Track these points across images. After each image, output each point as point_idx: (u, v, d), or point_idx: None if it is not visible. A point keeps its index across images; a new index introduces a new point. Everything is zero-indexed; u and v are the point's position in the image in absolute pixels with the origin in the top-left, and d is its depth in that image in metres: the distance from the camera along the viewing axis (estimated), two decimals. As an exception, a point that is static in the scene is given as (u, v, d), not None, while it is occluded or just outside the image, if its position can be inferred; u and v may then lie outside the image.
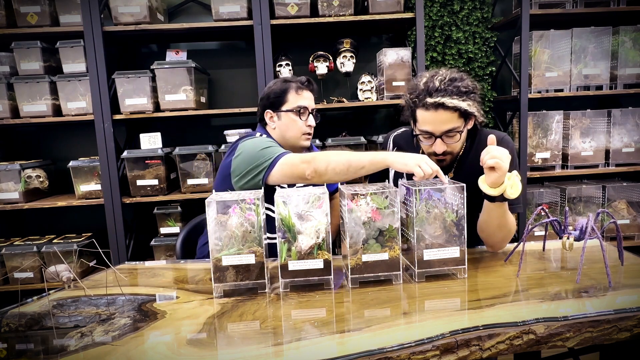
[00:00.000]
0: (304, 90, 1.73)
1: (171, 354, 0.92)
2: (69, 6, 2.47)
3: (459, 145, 1.51)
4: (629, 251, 1.43)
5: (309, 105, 1.74)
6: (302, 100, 1.72)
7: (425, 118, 1.43)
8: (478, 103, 1.44)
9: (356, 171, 1.45)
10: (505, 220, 1.42)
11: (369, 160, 1.42)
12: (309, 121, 1.73)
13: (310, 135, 1.76)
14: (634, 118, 2.74)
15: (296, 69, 2.68)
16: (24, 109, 2.47)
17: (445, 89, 1.39)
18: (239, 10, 2.43)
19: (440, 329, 0.97)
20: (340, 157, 1.46)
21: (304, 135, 1.74)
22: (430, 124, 1.43)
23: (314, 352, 0.91)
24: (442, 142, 1.44)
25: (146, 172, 2.48)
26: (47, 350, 0.98)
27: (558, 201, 2.80)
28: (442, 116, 1.40)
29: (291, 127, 1.72)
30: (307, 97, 1.74)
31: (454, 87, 1.39)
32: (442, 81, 1.40)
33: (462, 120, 1.43)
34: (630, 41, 2.70)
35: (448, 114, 1.40)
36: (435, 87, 1.39)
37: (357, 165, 1.43)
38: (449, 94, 1.38)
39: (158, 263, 1.65)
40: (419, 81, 1.45)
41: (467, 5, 2.87)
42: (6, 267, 2.52)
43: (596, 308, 1.04)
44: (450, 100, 1.38)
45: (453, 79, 1.42)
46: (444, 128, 1.42)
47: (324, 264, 1.23)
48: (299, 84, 1.73)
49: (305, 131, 1.73)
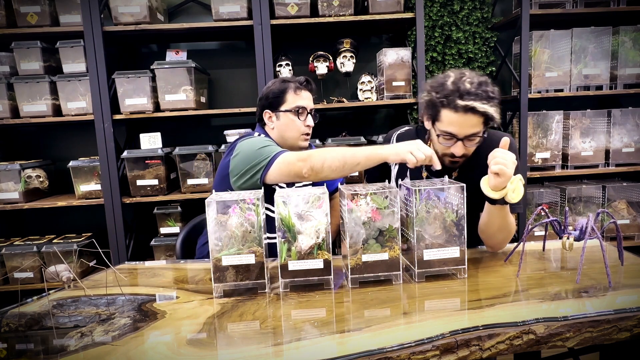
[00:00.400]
0: (303, 91, 1.73)
1: (171, 354, 0.92)
2: (69, 6, 2.47)
3: (473, 148, 1.47)
4: (629, 251, 1.43)
5: (308, 105, 1.73)
6: (301, 100, 1.72)
7: (451, 119, 1.39)
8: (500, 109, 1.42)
9: (352, 167, 1.46)
10: (505, 223, 1.42)
11: (364, 156, 1.43)
12: (307, 121, 1.73)
13: (308, 136, 1.76)
14: (634, 118, 2.74)
15: (296, 69, 2.68)
16: (24, 109, 2.47)
17: (476, 92, 1.36)
18: (239, 10, 2.43)
19: (440, 329, 0.97)
20: (336, 154, 1.46)
21: (303, 136, 1.74)
22: (456, 126, 1.40)
23: (314, 352, 0.91)
24: (463, 145, 1.42)
25: (146, 172, 2.48)
26: (47, 350, 0.98)
27: (558, 201, 2.80)
28: (470, 120, 1.38)
29: (290, 127, 1.72)
30: (306, 97, 1.74)
31: (483, 92, 1.37)
32: (472, 84, 1.37)
33: (484, 125, 1.41)
34: (630, 41, 2.70)
35: (475, 118, 1.37)
36: (466, 90, 1.36)
37: (352, 161, 1.44)
38: (479, 99, 1.35)
39: (158, 263, 1.65)
40: (446, 80, 1.41)
41: (467, 5, 2.87)
42: (6, 267, 2.52)
43: (596, 308, 1.04)
44: (481, 105, 1.35)
45: (481, 82, 1.39)
46: (469, 132, 1.40)
47: (324, 264, 1.23)
48: (298, 84, 1.72)
49: (303, 131, 1.73)
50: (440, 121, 1.42)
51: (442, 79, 1.43)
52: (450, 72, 1.46)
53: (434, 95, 1.42)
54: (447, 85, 1.39)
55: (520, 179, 1.32)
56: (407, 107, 2.75)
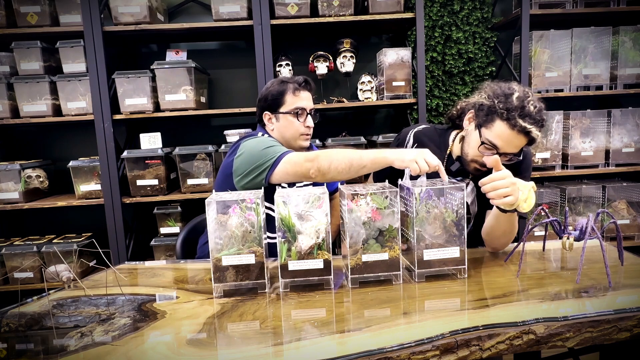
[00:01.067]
0: (302, 91, 1.72)
1: (171, 354, 0.92)
2: (69, 6, 2.47)
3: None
4: (629, 251, 1.43)
5: (307, 105, 1.73)
6: (300, 101, 1.71)
7: (503, 134, 1.39)
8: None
9: (358, 170, 1.45)
10: (511, 227, 1.43)
11: (370, 159, 1.42)
12: (307, 122, 1.73)
13: (309, 136, 1.76)
14: (634, 118, 2.74)
15: (296, 69, 2.68)
16: (24, 109, 2.47)
17: (536, 118, 1.37)
18: (239, 10, 2.43)
19: (440, 329, 0.97)
20: (343, 156, 1.46)
21: (303, 136, 1.73)
22: (505, 142, 1.40)
23: (314, 352, 0.91)
24: (504, 158, 1.42)
25: (146, 172, 2.48)
26: (47, 350, 0.98)
27: (558, 201, 2.80)
28: (519, 140, 1.39)
29: (289, 128, 1.72)
30: (305, 97, 1.73)
31: (540, 119, 1.38)
32: (535, 107, 1.38)
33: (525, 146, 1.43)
34: (630, 41, 2.70)
35: (524, 139, 1.39)
36: (529, 112, 1.36)
37: (358, 164, 1.44)
38: (537, 125, 1.37)
39: (158, 263, 1.65)
40: (512, 93, 1.39)
41: (467, 5, 2.87)
42: (6, 267, 2.52)
43: (596, 308, 1.04)
44: (536, 132, 1.37)
45: (541, 109, 1.40)
46: (512, 150, 1.41)
47: (324, 264, 1.23)
48: (296, 84, 1.72)
49: (303, 132, 1.73)
50: (490, 130, 1.41)
51: (508, 91, 1.41)
52: (514, 85, 1.44)
53: (495, 103, 1.40)
54: (512, 100, 1.38)
55: (532, 187, 1.30)
56: (407, 107, 2.75)
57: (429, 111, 2.93)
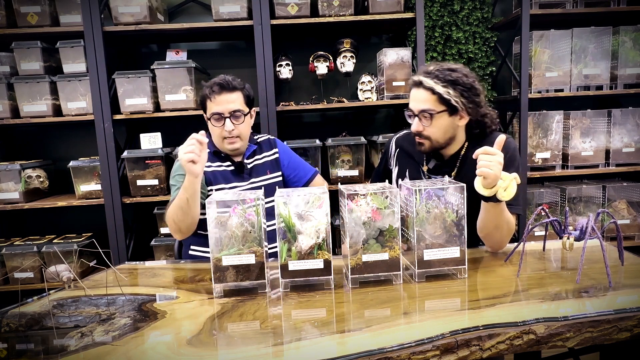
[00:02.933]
0: (218, 95, 1.68)
1: (171, 354, 0.92)
2: (69, 6, 2.47)
3: (438, 134, 1.51)
4: (629, 251, 1.43)
5: (225, 110, 1.68)
6: (215, 106, 1.68)
7: (411, 95, 1.53)
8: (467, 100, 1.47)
9: (189, 205, 1.54)
10: (501, 221, 1.42)
11: (182, 189, 1.54)
12: (225, 126, 1.69)
13: (232, 139, 1.72)
14: (634, 118, 2.74)
15: (296, 69, 2.68)
16: (24, 109, 2.47)
17: (433, 73, 1.47)
18: (239, 10, 2.43)
19: (440, 329, 0.97)
20: (172, 208, 1.59)
21: (225, 140, 1.72)
22: (412, 101, 1.52)
23: (314, 352, 0.91)
24: (419, 122, 1.50)
25: (146, 172, 2.48)
26: (47, 350, 0.98)
27: (558, 201, 2.79)
28: (420, 95, 1.49)
29: (213, 132, 1.75)
30: (222, 101, 1.68)
31: (441, 73, 1.46)
32: (436, 67, 1.49)
33: (441, 106, 1.47)
34: (630, 41, 2.70)
35: (426, 94, 1.47)
36: (426, 70, 1.49)
37: (183, 201, 1.53)
38: (432, 77, 1.47)
39: (158, 263, 1.65)
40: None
41: (467, 5, 2.87)
42: (6, 267, 2.52)
43: (596, 308, 1.04)
44: (427, 80, 1.46)
45: (449, 68, 1.48)
46: (420, 107, 1.48)
47: (324, 264, 1.23)
48: (210, 89, 1.69)
49: (224, 135, 1.71)
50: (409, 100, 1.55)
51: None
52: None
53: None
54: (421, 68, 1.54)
55: (514, 177, 1.32)
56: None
57: (429, 111, 2.93)
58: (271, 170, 1.84)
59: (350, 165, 2.56)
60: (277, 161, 1.87)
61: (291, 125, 2.93)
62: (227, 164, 1.78)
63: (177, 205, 1.56)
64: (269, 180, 1.82)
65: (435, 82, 1.46)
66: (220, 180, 1.75)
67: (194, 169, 1.46)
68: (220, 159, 1.78)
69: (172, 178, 1.74)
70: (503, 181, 1.31)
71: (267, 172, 1.83)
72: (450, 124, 1.50)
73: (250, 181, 1.78)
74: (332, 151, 2.55)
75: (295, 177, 1.89)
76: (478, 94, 1.50)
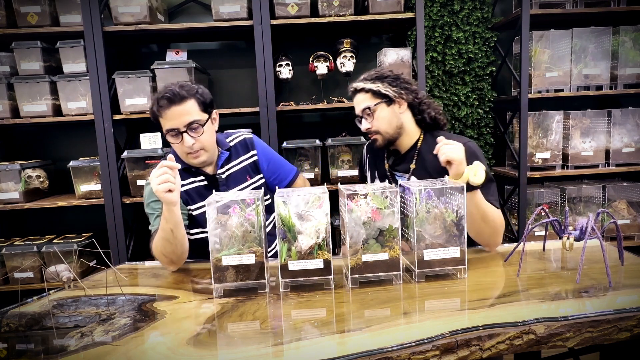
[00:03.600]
0: (167, 109, 1.50)
1: (171, 354, 0.92)
2: (69, 6, 2.47)
3: (384, 124, 1.64)
4: (629, 251, 1.43)
5: (179, 124, 1.52)
6: (169, 122, 1.52)
7: (354, 104, 1.70)
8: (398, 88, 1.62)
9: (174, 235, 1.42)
10: (484, 211, 1.44)
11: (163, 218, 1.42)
12: (184, 142, 1.53)
13: (196, 153, 1.57)
14: (634, 118, 2.74)
15: (296, 69, 2.68)
16: (24, 109, 2.47)
17: (361, 78, 1.67)
18: (239, 10, 2.43)
19: (440, 329, 0.97)
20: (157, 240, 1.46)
21: (189, 155, 1.57)
22: (355, 107, 1.70)
23: (314, 352, 0.91)
24: (365, 120, 1.66)
25: (146, 172, 2.48)
26: (47, 350, 0.98)
27: (558, 201, 2.80)
28: (358, 99, 1.68)
29: (175, 148, 1.61)
30: (174, 115, 1.51)
31: (367, 75, 1.67)
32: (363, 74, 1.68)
33: (376, 99, 1.63)
34: (630, 41, 2.70)
35: (362, 95, 1.66)
36: (357, 80, 1.69)
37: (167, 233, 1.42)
38: (361, 81, 1.66)
39: (158, 263, 1.65)
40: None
41: (467, 5, 2.87)
42: (6, 267, 2.52)
43: (596, 308, 1.04)
44: (359, 84, 1.66)
45: (373, 70, 1.69)
46: (361, 107, 1.66)
47: (324, 264, 1.23)
48: (157, 105, 1.52)
49: (186, 151, 1.56)
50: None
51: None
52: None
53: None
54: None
55: (479, 164, 1.37)
56: (407, 107, 2.75)
57: (429, 111, 2.93)
58: (251, 175, 1.74)
59: (350, 165, 2.56)
60: (255, 164, 1.75)
61: (291, 125, 2.93)
62: (199, 179, 1.66)
63: (163, 238, 1.43)
64: (252, 185, 1.73)
65: (364, 83, 1.65)
66: (196, 198, 1.64)
67: (171, 197, 1.35)
68: (192, 174, 1.65)
69: (147, 206, 1.59)
70: (469, 168, 1.37)
71: (247, 178, 1.72)
72: (392, 113, 1.64)
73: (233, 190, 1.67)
74: (332, 151, 2.55)
75: (276, 180, 1.79)
76: (408, 82, 1.66)
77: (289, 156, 2.49)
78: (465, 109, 2.93)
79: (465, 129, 2.97)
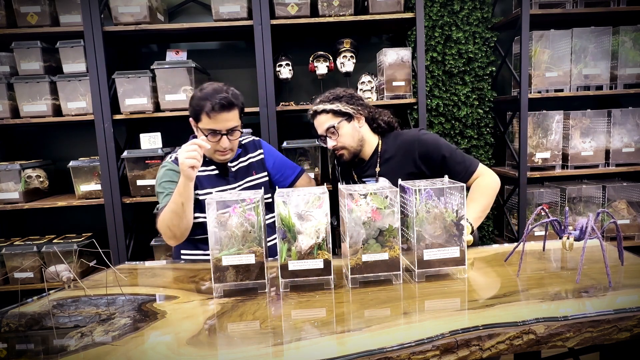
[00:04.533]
0: (218, 114, 1.63)
1: (171, 354, 0.92)
2: (69, 6, 2.47)
3: (348, 140, 1.79)
4: (629, 251, 1.43)
5: (222, 127, 1.65)
6: (213, 124, 1.64)
7: (315, 126, 1.84)
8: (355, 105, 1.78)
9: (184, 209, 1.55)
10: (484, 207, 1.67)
11: (177, 193, 1.54)
12: (221, 143, 1.67)
13: (226, 152, 1.71)
14: (634, 118, 2.74)
15: (296, 69, 2.68)
16: (24, 109, 2.47)
17: (319, 101, 1.80)
18: (239, 10, 2.43)
19: (440, 329, 0.97)
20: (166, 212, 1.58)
21: (218, 152, 1.71)
22: (317, 129, 1.83)
23: (314, 352, 0.91)
24: (330, 138, 1.80)
25: (146, 172, 2.48)
26: (47, 350, 0.98)
27: (558, 201, 2.80)
28: (320, 120, 1.81)
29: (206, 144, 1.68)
30: (221, 119, 1.64)
31: (324, 97, 1.80)
32: (319, 97, 1.82)
33: (338, 118, 1.77)
34: (630, 41, 2.70)
35: (323, 117, 1.79)
36: (315, 102, 1.82)
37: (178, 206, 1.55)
38: (319, 103, 1.79)
39: (158, 263, 1.65)
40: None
41: (467, 5, 2.87)
42: (6, 267, 2.52)
43: (596, 308, 1.04)
44: (318, 107, 1.79)
45: (329, 92, 1.82)
46: (324, 127, 1.79)
47: (324, 264, 1.23)
48: (211, 107, 1.62)
49: (217, 149, 1.70)
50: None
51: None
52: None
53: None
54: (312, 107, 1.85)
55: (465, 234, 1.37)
56: (407, 107, 2.75)
57: (429, 111, 2.93)
58: (257, 171, 1.86)
59: (350, 165, 2.56)
60: (262, 162, 1.89)
61: (291, 125, 2.93)
62: (211, 168, 1.78)
63: (172, 210, 1.56)
64: (255, 181, 1.84)
65: (324, 104, 1.78)
66: (205, 184, 1.75)
67: (192, 173, 1.49)
68: (205, 163, 1.76)
69: (159, 185, 1.71)
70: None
71: (253, 173, 1.85)
72: (353, 128, 1.80)
73: (236, 184, 1.79)
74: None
75: (282, 177, 1.92)
76: (360, 98, 1.84)
77: (289, 156, 2.48)
78: (465, 109, 2.93)
79: (465, 129, 2.97)
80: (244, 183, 1.81)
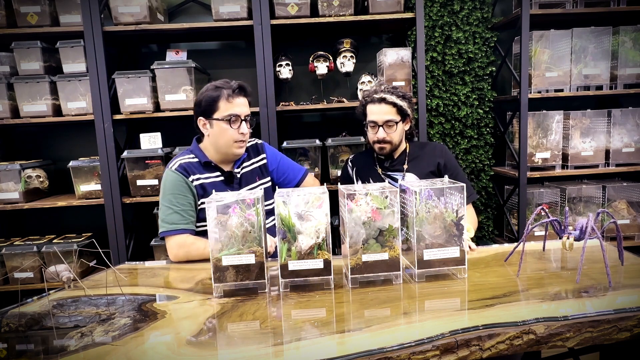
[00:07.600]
0: (236, 97, 1.69)
1: (171, 354, 0.92)
2: (69, 6, 2.47)
3: (397, 137, 1.92)
4: (629, 251, 1.43)
5: (242, 112, 1.70)
6: (234, 107, 1.68)
7: (372, 110, 1.90)
8: (411, 109, 1.94)
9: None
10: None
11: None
12: (241, 129, 1.70)
13: (243, 143, 1.74)
14: (634, 118, 2.74)
15: (296, 69, 2.68)
16: (24, 109, 2.47)
17: (387, 90, 1.89)
18: (239, 10, 2.43)
19: (440, 329, 0.97)
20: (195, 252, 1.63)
21: (236, 143, 1.72)
22: (376, 114, 1.88)
23: (314, 352, 0.91)
24: (384, 130, 1.88)
25: (146, 172, 2.48)
26: (47, 350, 0.98)
27: (558, 201, 2.79)
28: (383, 108, 1.87)
29: (223, 135, 1.71)
30: (240, 103, 1.70)
31: (393, 89, 1.90)
32: (385, 87, 1.92)
33: (399, 116, 1.89)
34: (630, 41, 2.70)
35: (388, 107, 1.87)
36: (380, 89, 1.91)
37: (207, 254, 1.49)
38: (389, 93, 1.88)
39: (158, 263, 1.65)
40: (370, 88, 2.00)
41: (467, 5, 2.87)
42: (6, 267, 2.52)
43: (596, 308, 1.04)
44: (390, 97, 1.87)
45: (394, 87, 1.93)
46: (385, 118, 1.87)
47: (324, 264, 1.23)
48: (230, 91, 1.68)
49: (237, 139, 1.71)
50: (367, 115, 1.93)
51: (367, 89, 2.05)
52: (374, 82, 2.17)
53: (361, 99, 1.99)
54: (370, 91, 1.95)
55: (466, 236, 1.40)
56: (407, 107, 2.75)
57: (429, 111, 2.93)
58: (260, 177, 1.87)
59: (350, 165, 2.56)
60: (265, 167, 1.90)
61: (291, 125, 2.93)
62: (216, 175, 1.77)
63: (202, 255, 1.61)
64: (260, 186, 1.85)
65: (396, 97, 1.87)
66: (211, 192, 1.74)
67: None
68: (210, 169, 1.76)
69: (165, 196, 1.69)
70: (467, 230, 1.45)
71: (257, 179, 1.86)
72: (402, 129, 1.94)
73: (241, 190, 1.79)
74: (332, 151, 2.55)
75: (286, 180, 1.94)
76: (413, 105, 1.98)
77: (289, 156, 2.48)
78: (465, 109, 2.93)
79: (465, 129, 2.97)
80: (248, 189, 1.81)
